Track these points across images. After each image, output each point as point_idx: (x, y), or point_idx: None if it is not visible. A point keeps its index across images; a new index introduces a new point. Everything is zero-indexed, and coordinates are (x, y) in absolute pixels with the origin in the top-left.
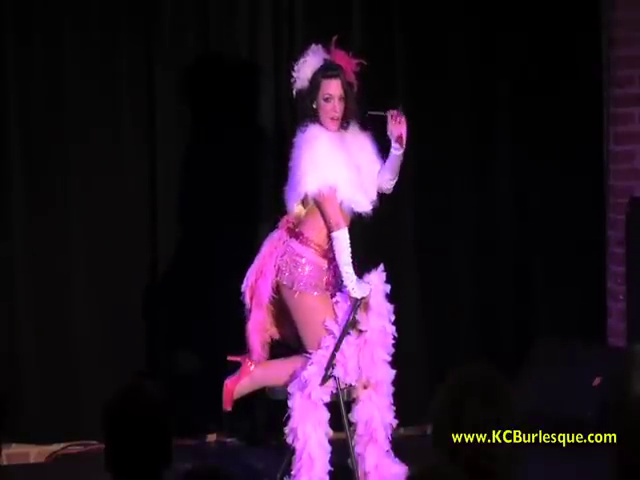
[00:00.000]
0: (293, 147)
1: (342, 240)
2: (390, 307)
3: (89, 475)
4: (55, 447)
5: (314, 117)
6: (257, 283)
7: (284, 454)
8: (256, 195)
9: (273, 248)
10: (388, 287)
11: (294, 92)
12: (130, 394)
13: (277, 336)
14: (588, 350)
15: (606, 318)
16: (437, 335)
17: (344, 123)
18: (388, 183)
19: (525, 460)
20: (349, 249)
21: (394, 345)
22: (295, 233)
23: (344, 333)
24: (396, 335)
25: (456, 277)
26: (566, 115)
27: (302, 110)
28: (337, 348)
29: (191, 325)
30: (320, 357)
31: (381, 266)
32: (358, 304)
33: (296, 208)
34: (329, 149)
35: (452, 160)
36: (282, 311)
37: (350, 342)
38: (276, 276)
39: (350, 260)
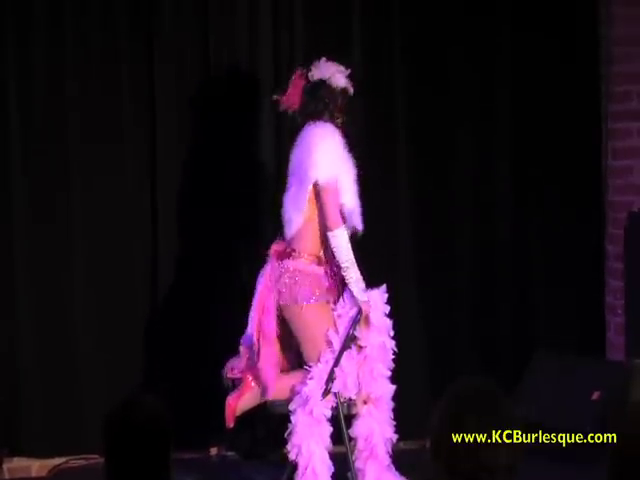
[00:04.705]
0: (300, 139)
1: (341, 238)
2: (389, 323)
3: None
4: (57, 461)
5: (326, 115)
6: (262, 320)
7: (284, 468)
8: (257, 193)
9: (268, 281)
10: (388, 308)
11: (310, 84)
12: (130, 408)
13: (285, 367)
14: (587, 364)
15: (605, 332)
16: (436, 349)
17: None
18: None
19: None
20: (349, 247)
21: (394, 360)
22: (286, 254)
23: (344, 348)
24: (396, 350)
25: (455, 292)
26: (565, 130)
27: (314, 105)
28: (337, 363)
29: (193, 337)
30: (320, 372)
31: (384, 287)
32: (357, 319)
33: (299, 218)
34: (341, 151)
35: (451, 169)
36: (286, 339)
37: (350, 356)
38: (278, 301)
39: (352, 258)
